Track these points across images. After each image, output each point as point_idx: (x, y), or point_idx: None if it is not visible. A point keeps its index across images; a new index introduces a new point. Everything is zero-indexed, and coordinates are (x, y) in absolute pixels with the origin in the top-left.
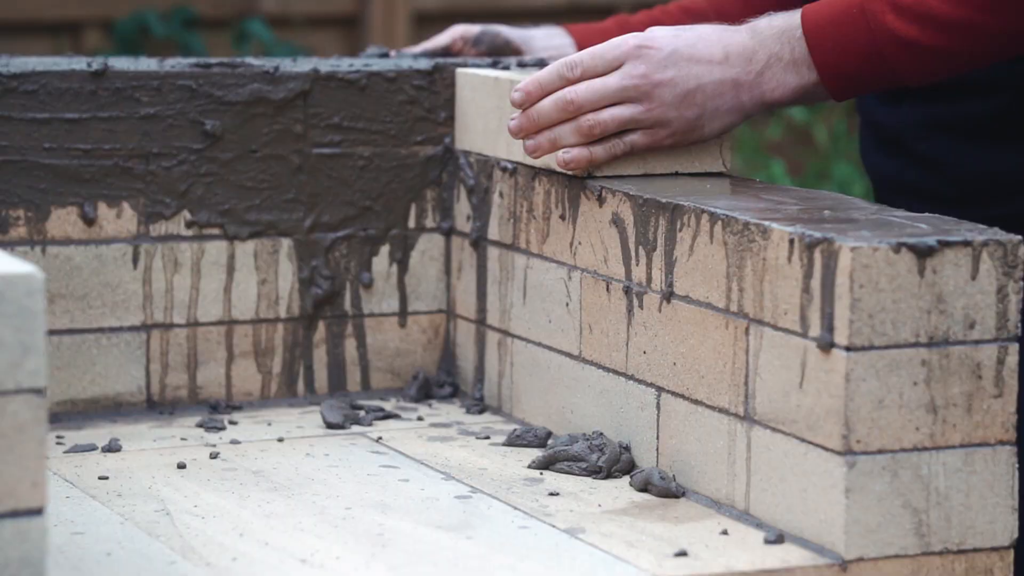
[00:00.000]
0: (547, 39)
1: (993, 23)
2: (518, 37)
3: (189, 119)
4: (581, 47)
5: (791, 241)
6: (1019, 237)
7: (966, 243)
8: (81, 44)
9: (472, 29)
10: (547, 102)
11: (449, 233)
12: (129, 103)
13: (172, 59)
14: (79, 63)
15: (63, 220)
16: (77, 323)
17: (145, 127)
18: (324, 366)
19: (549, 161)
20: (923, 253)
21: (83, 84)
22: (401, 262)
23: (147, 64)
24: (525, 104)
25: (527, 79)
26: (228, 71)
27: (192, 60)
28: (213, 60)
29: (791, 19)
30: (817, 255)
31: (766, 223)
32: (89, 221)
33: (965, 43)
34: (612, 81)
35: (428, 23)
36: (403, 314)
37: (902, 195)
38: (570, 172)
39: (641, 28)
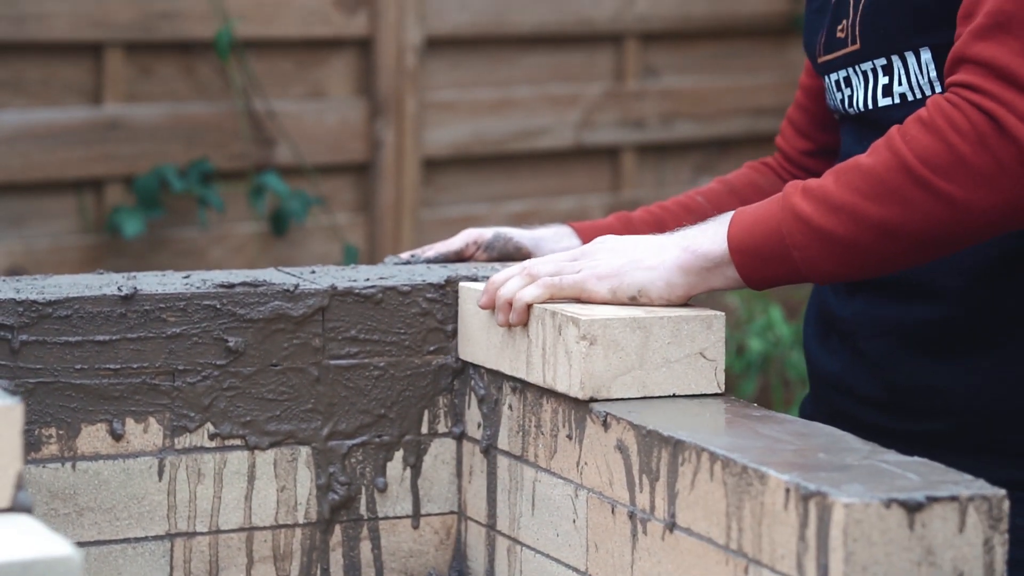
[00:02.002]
0: (555, 241)
1: (877, 214)
2: (528, 240)
3: (213, 337)
4: None
5: (787, 490)
6: (1003, 492)
7: (953, 498)
8: (103, 200)
9: (484, 234)
10: (511, 270)
11: (460, 438)
12: (156, 323)
13: (198, 274)
14: (110, 286)
15: (92, 436)
16: (104, 535)
17: (171, 346)
18: (340, 568)
19: (553, 383)
20: (913, 508)
21: (113, 307)
22: (414, 467)
23: (173, 285)
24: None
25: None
26: (251, 290)
27: (217, 279)
28: (236, 279)
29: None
30: (812, 507)
31: (763, 469)
32: (117, 437)
33: (851, 229)
34: (565, 253)
35: (437, 167)
36: (416, 516)
37: (838, 393)
38: (514, 321)
39: (641, 223)
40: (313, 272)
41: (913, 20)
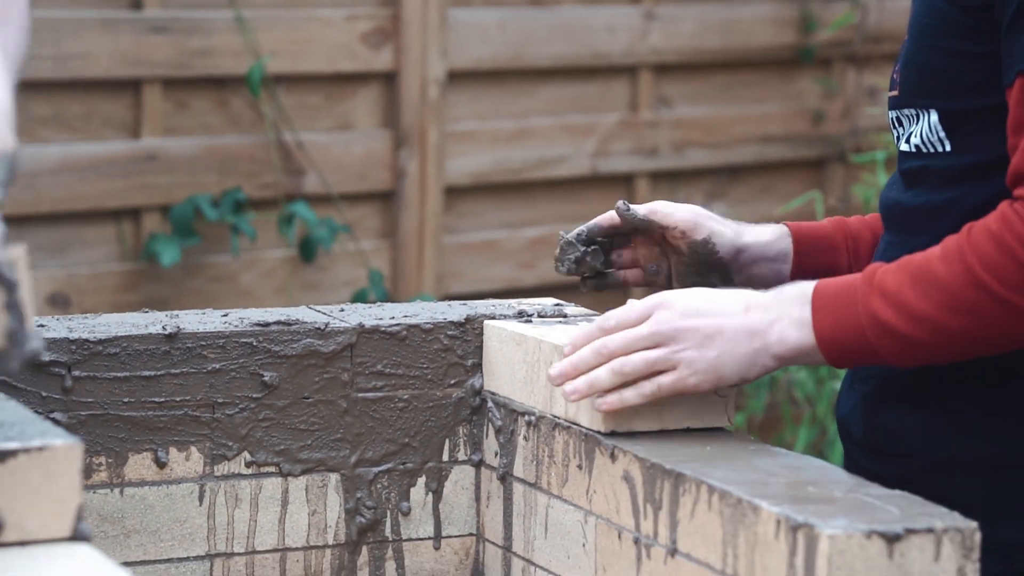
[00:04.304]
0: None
1: (956, 325)
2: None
3: (250, 372)
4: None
5: (778, 522)
6: (975, 524)
7: (929, 530)
8: (141, 228)
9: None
10: (585, 350)
11: (479, 465)
12: (198, 360)
13: (235, 313)
14: (155, 326)
15: (139, 464)
16: (149, 555)
17: (211, 380)
18: None
19: (575, 417)
20: (891, 539)
21: (158, 345)
22: (436, 492)
23: (213, 324)
24: (570, 354)
25: (576, 334)
26: (284, 328)
27: (254, 318)
28: (271, 319)
29: (810, 285)
30: (800, 537)
31: (756, 501)
32: (161, 465)
33: (934, 337)
34: (642, 329)
35: (458, 195)
36: (437, 538)
37: (844, 437)
38: (575, 399)
39: (858, 230)
40: (342, 310)
41: (924, 79)
